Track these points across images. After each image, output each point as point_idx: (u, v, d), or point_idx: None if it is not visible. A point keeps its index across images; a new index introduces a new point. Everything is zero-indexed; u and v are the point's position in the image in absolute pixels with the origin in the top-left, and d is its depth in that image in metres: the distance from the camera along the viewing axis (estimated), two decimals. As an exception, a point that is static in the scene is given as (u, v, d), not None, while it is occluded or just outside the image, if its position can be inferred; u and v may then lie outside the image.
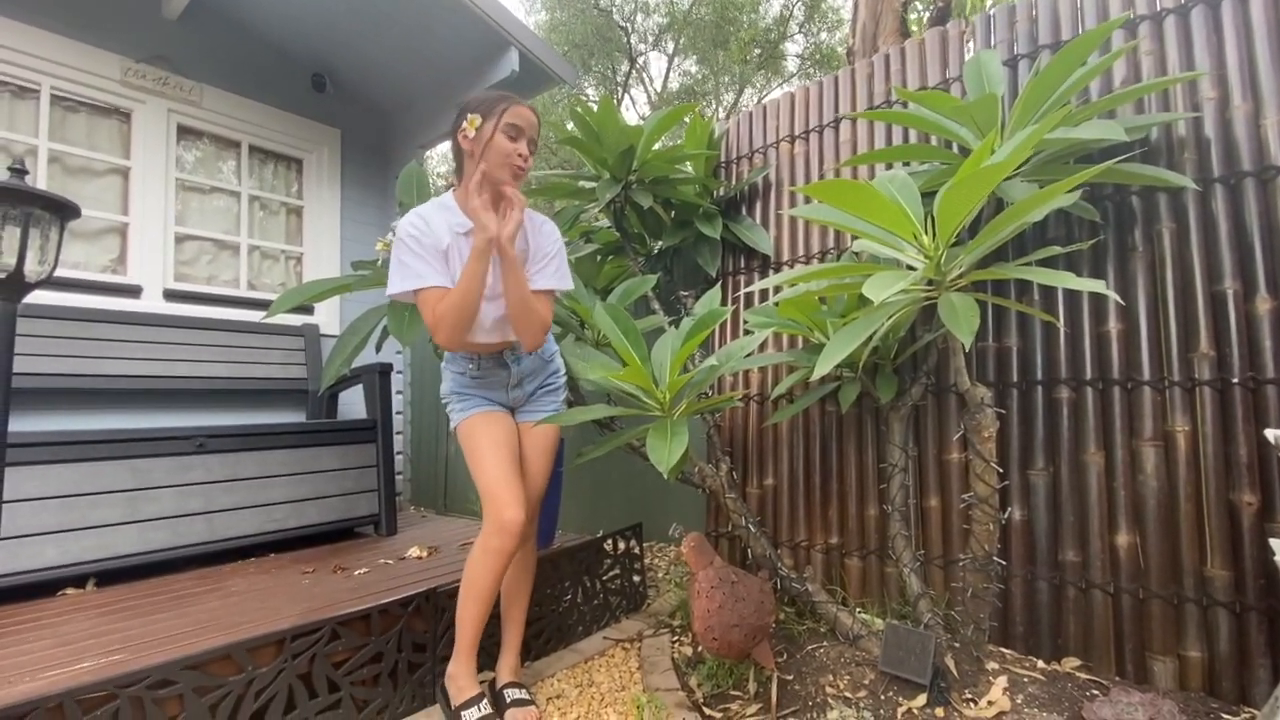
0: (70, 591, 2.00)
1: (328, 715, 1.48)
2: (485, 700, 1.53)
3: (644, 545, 2.50)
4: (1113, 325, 1.77)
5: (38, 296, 2.51)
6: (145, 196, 2.92)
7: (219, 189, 3.23)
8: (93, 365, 2.55)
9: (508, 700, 1.60)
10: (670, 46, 13.08)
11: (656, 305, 2.60)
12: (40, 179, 2.66)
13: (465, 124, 1.48)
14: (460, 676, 1.55)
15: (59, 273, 2.66)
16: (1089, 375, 1.79)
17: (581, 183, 2.64)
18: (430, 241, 1.48)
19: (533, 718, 1.56)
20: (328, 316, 3.46)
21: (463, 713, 1.49)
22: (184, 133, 3.12)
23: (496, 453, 1.56)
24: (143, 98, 2.92)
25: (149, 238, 2.92)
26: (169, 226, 3.00)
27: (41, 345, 2.46)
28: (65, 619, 1.73)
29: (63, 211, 1.61)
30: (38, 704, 1.14)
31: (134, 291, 2.86)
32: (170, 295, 2.96)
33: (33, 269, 1.57)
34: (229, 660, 1.37)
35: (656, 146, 2.52)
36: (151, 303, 2.89)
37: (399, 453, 3.71)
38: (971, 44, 2.18)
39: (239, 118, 3.22)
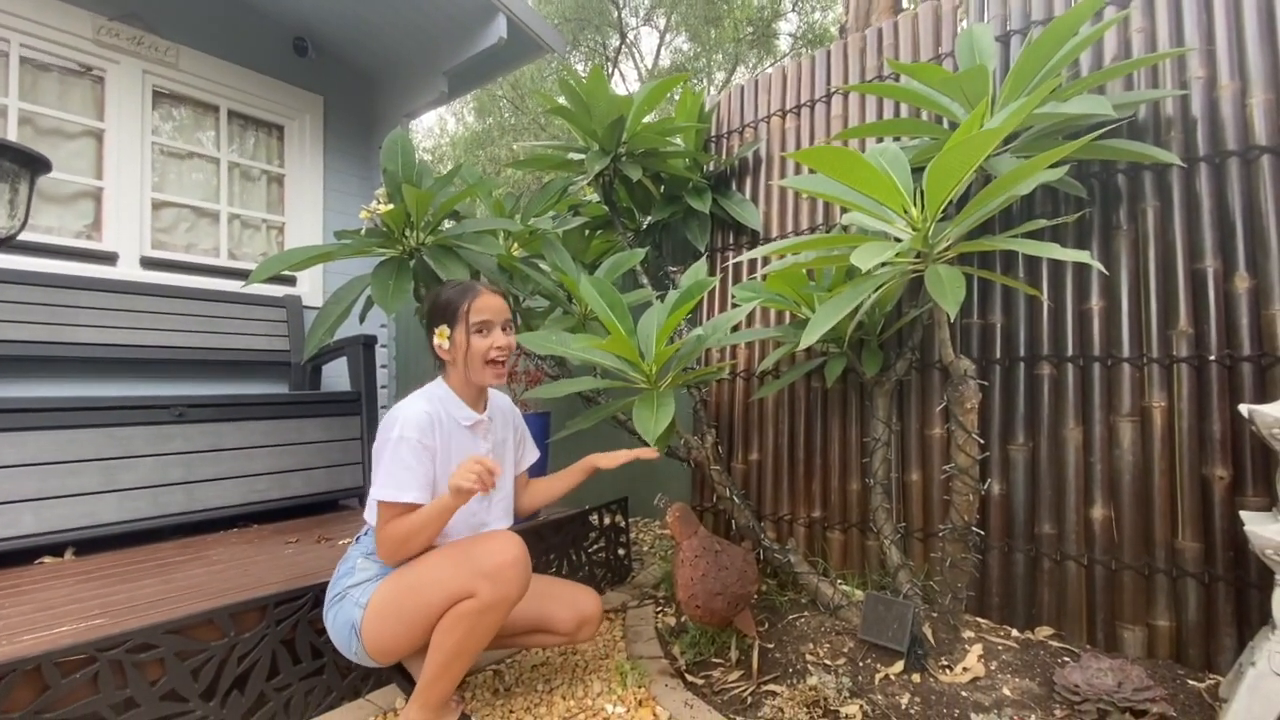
0: (48, 560, 1.98)
1: (311, 681, 1.49)
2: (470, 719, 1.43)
3: (629, 519, 2.51)
4: (1095, 302, 1.79)
5: (9, 261, 2.45)
6: (120, 161, 2.83)
7: (197, 154, 3.15)
8: (68, 333, 2.49)
9: None
10: (661, 22, 12.88)
11: (645, 280, 2.58)
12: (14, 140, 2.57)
13: (436, 337, 1.45)
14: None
15: (32, 237, 2.59)
16: (1070, 352, 1.81)
17: (570, 155, 2.61)
18: (439, 442, 1.40)
19: None
20: (310, 288, 3.40)
21: None
22: (160, 96, 3.02)
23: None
24: (116, 57, 2.82)
25: (125, 203, 2.84)
26: (145, 192, 2.92)
27: (14, 312, 2.39)
28: (44, 586, 1.71)
29: (33, 165, 1.56)
30: (15, 665, 1.14)
31: (110, 258, 2.79)
32: (148, 263, 2.89)
33: (2, 224, 1.53)
34: (211, 625, 1.37)
35: (647, 120, 2.49)
36: (128, 270, 2.83)
37: (384, 427, 3.68)
38: (965, 19, 2.17)
39: (218, 81, 3.12)
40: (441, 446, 1.41)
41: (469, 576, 1.27)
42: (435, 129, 15.00)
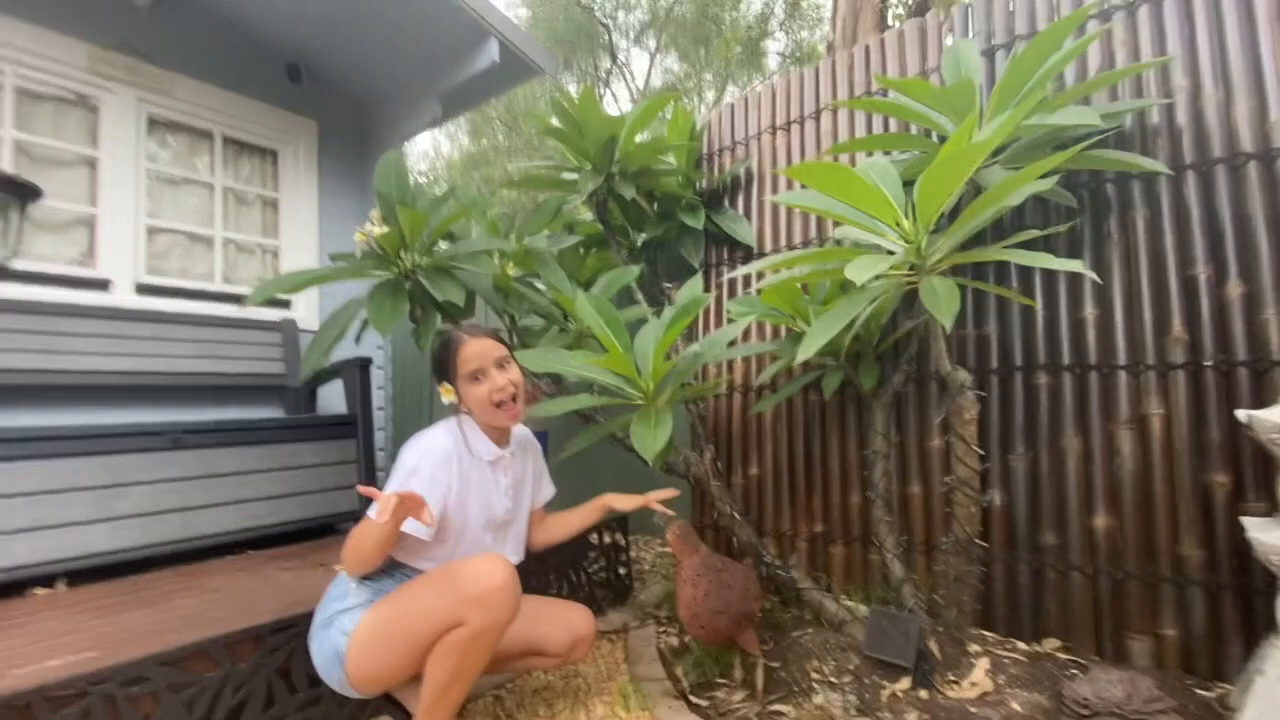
0: (40, 591, 1.95)
1: (307, 711, 1.46)
2: None
3: (630, 538, 2.49)
4: (1089, 311, 1.79)
5: (2, 289, 2.44)
6: (115, 188, 2.84)
7: (192, 181, 3.16)
8: (62, 360, 2.47)
9: None
10: (652, 44, 13.07)
11: (640, 297, 2.59)
12: (5, 168, 2.58)
13: (442, 393, 1.50)
14: None
15: (25, 265, 2.58)
16: (1066, 361, 1.81)
17: (564, 174, 2.62)
18: (456, 477, 1.41)
19: None
20: (306, 311, 3.40)
21: None
22: (155, 123, 3.04)
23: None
24: (111, 86, 2.84)
25: (119, 230, 2.84)
26: (140, 219, 2.92)
27: (7, 340, 2.38)
28: (35, 617, 1.68)
29: (23, 193, 1.56)
30: (5, 702, 1.11)
31: (104, 285, 2.78)
32: (142, 289, 2.89)
33: (-6, 255, 1.52)
34: (205, 656, 1.34)
35: (639, 139, 2.51)
36: (122, 296, 2.82)
37: (380, 449, 3.66)
38: (950, 36, 2.20)
39: (212, 108, 3.14)
40: (459, 481, 1.42)
41: (457, 603, 1.24)
42: (430, 151, 15.11)
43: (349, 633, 1.29)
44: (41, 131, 2.71)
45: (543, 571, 2.09)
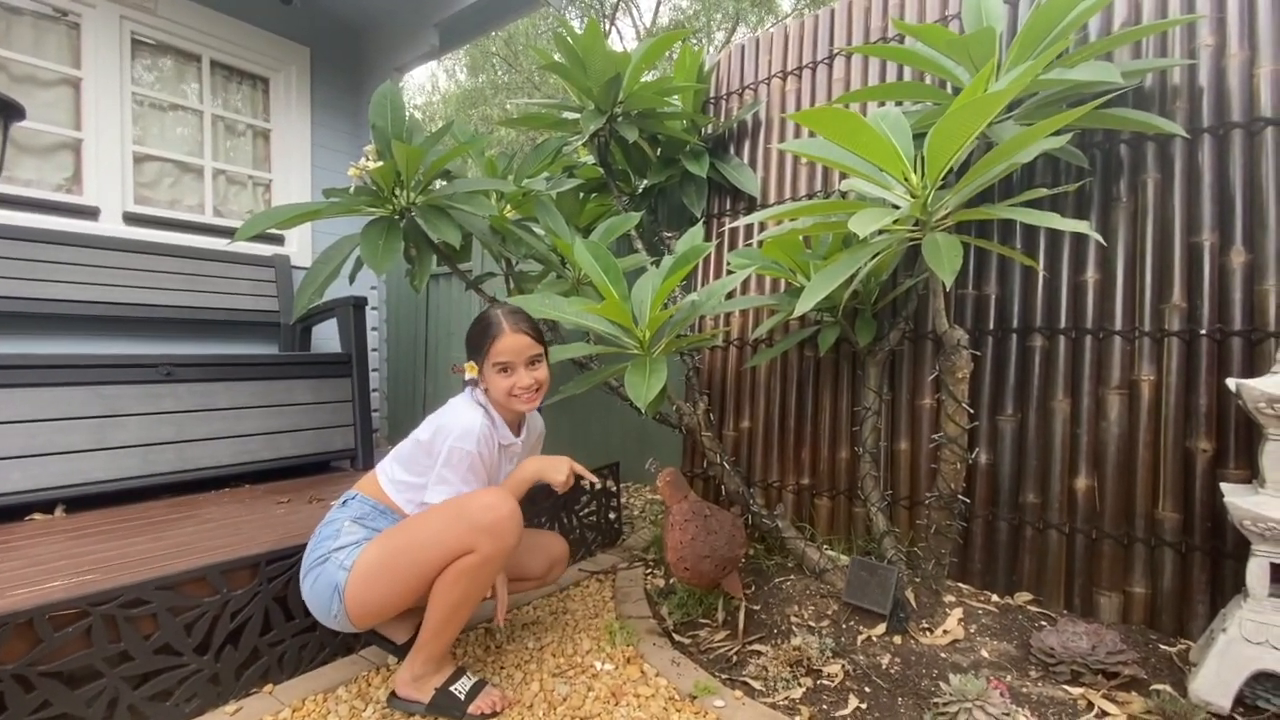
0: (38, 516, 1.98)
1: (304, 636, 1.51)
2: (467, 672, 1.41)
3: (621, 484, 2.53)
4: (1090, 275, 1.78)
5: (-13, 214, 2.39)
6: (99, 111, 2.75)
7: (180, 106, 3.05)
8: (49, 289, 2.45)
9: (460, 696, 1.37)
10: (661, -23, 12.47)
11: (640, 245, 2.55)
12: (-17, 87, 2.48)
13: (465, 370, 1.51)
14: (429, 675, 1.38)
15: (10, 189, 2.52)
16: (1063, 324, 1.81)
17: (565, 114, 2.54)
18: (491, 454, 1.47)
19: (497, 696, 1.40)
20: (299, 247, 3.35)
21: (451, 687, 1.37)
22: (140, 44, 2.91)
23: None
24: (92, 1, 2.71)
25: (105, 156, 2.76)
26: (127, 145, 2.84)
27: (-5, 266, 2.35)
28: (35, 542, 1.71)
29: (6, 111, 1.50)
30: (8, 619, 1.14)
31: (91, 213, 2.72)
32: (130, 219, 2.83)
33: (-23, 176, 1.48)
34: (204, 582, 1.38)
35: (645, 78, 2.42)
36: (110, 225, 2.76)
37: (374, 389, 3.68)
38: (973, -20, 2.10)
39: (199, 29, 3.01)
40: (487, 459, 1.46)
41: (467, 532, 1.28)
42: (426, 85, 14.61)
43: (348, 567, 1.32)
44: (22, 49, 2.60)
45: (534, 514, 2.13)
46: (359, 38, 3.62)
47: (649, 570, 2.17)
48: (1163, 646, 1.57)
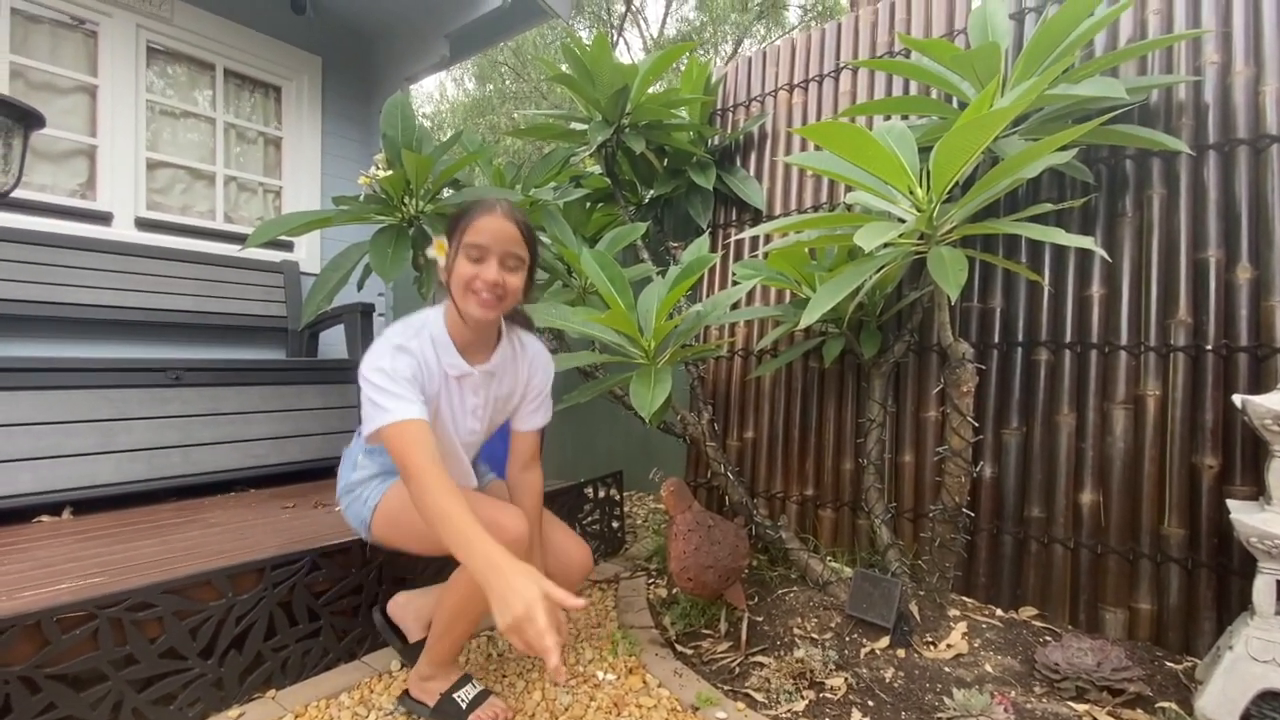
0: (46, 519, 2.00)
1: (308, 642, 1.51)
2: (471, 680, 1.39)
3: (624, 493, 2.54)
4: (1096, 289, 1.78)
5: (1, 219, 2.42)
6: (115, 118, 2.78)
7: (193, 114, 3.09)
8: (62, 293, 2.47)
9: (462, 704, 1.35)
10: (669, -11, 12.57)
11: (645, 255, 2.57)
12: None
13: (434, 247, 1.29)
14: (437, 677, 1.37)
15: (25, 194, 2.55)
16: (1068, 338, 1.81)
17: (573, 124, 2.57)
18: (432, 384, 1.26)
19: (501, 708, 1.37)
20: (308, 253, 3.37)
21: (455, 694, 1.35)
22: (155, 52, 2.95)
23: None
24: (109, 10, 2.75)
25: (119, 162, 2.80)
26: (140, 151, 2.87)
27: (7, 270, 2.37)
28: (42, 544, 1.73)
29: (26, 120, 1.53)
30: (16, 621, 1.15)
31: (104, 218, 2.76)
32: (142, 224, 2.86)
33: (-5, 181, 1.51)
34: (209, 586, 1.38)
35: (652, 90, 2.44)
36: (123, 231, 2.79)
37: (381, 395, 3.67)
38: (979, -5, 2.12)
39: (213, 38, 3.05)
40: (429, 391, 1.25)
41: None
42: (435, 94, 14.73)
43: (371, 507, 1.37)
44: (40, 56, 2.64)
45: (538, 521, 2.13)
46: (370, 48, 3.67)
47: (652, 580, 2.17)
48: (1169, 663, 1.56)
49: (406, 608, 1.55)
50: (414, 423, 1.13)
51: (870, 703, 1.42)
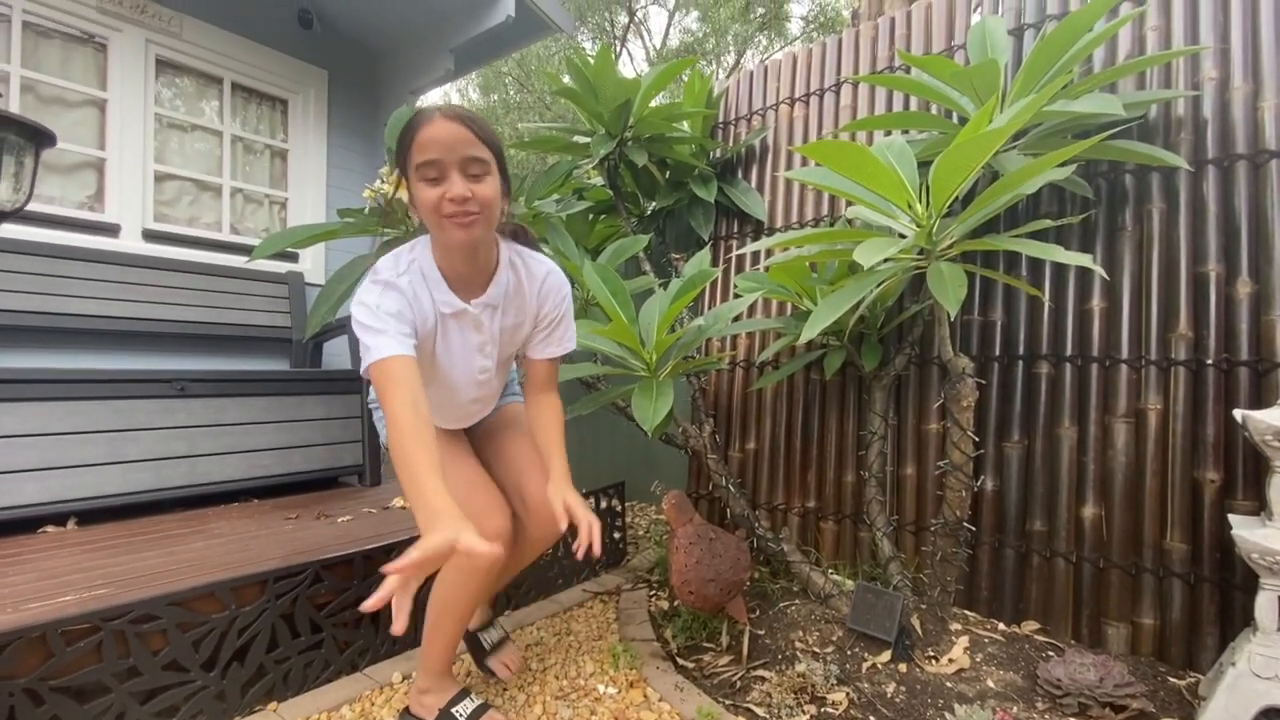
0: (51, 529, 2.01)
1: (310, 655, 1.51)
2: (470, 695, 1.39)
3: (625, 504, 2.54)
4: (1096, 303, 1.79)
5: (11, 230, 2.44)
6: (123, 131, 2.82)
7: (200, 127, 3.13)
8: (69, 304, 2.50)
9: (486, 645, 1.58)
10: (671, 1, 12.69)
11: (648, 267, 2.58)
12: (13, 108, 2.56)
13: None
14: (434, 690, 1.36)
15: (34, 207, 2.58)
16: (1069, 352, 1.82)
17: (575, 137, 2.59)
18: (403, 314, 1.14)
19: (516, 657, 1.56)
20: (313, 264, 3.40)
21: (453, 709, 1.35)
22: (163, 66, 3.00)
23: (456, 462, 1.37)
24: (119, 25, 2.80)
25: (128, 175, 2.83)
26: (148, 164, 2.91)
27: (16, 281, 2.40)
28: (47, 555, 1.74)
29: (38, 138, 1.56)
30: (21, 634, 1.16)
31: (112, 230, 2.79)
32: (150, 235, 2.89)
33: (6, 197, 1.53)
34: (213, 598, 1.39)
35: (654, 103, 2.47)
36: (130, 242, 2.83)
37: (384, 405, 3.69)
38: (979, 12, 2.14)
39: (221, 52, 3.10)
40: (421, 331, 1.18)
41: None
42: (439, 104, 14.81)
43: (385, 438, 1.28)
44: (50, 70, 2.68)
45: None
46: (376, 62, 3.71)
47: (653, 592, 2.17)
48: (1172, 679, 1.55)
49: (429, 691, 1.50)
50: (395, 359, 1.08)
51: (872, 718, 1.41)
